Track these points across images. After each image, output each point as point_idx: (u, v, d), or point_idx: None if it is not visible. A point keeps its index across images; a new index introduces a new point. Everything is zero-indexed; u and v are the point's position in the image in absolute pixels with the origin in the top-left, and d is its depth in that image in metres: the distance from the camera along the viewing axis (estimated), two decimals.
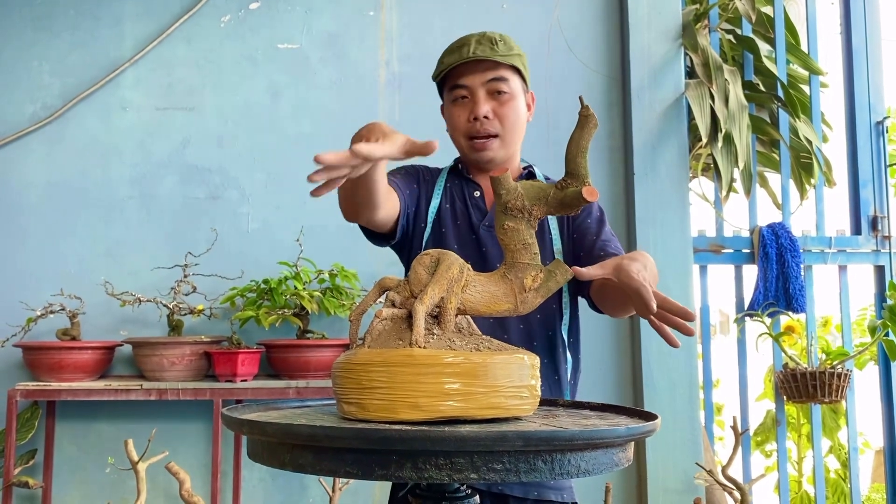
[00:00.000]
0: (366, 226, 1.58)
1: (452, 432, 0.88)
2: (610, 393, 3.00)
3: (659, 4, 3.10)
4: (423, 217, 1.69)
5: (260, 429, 0.97)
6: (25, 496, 2.82)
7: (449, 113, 1.69)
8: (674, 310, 1.21)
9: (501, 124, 1.64)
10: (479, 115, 1.62)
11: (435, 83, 1.73)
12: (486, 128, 1.63)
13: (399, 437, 0.88)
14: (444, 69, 1.65)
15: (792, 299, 2.96)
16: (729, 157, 2.93)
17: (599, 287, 1.53)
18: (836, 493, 3.44)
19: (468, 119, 1.64)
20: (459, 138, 1.68)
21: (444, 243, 1.65)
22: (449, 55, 1.65)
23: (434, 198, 1.70)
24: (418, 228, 1.69)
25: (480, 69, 1.62)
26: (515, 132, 1.67)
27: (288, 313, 2.72)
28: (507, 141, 1.66)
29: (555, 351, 1.64)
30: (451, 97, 1.67)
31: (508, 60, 1.62)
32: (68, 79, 3.01)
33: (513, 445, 0.87)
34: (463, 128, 1.65)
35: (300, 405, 1.27)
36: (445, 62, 1.65)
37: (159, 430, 2.66)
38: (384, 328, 1.08)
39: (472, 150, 1.66)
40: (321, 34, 3.13)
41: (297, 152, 3.05)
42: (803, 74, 3.26)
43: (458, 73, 1.64)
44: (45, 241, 2.94)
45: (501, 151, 1.66)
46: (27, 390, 2.59)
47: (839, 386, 2.82)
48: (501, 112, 1.64)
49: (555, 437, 0.89)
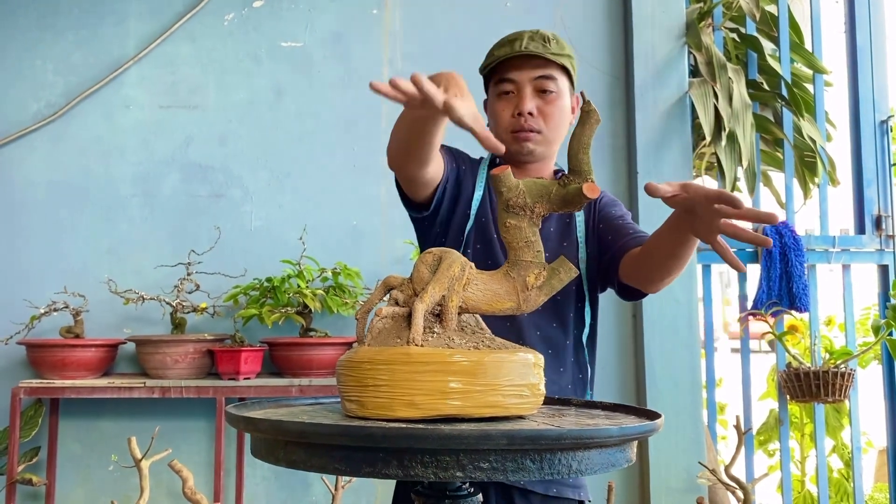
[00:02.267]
0: (405, 181, 1.54)
1: (436, 430, 0.88)
2: (613, 392, 3.00)
3: (663, 3, 3.09)
4: (466, 204, 1.65)
5: (254, 425, 0.98)
6: (29, 493, 2.83)
7: (493, 107, 1.67)
8: (754, 216, 1.14)
9: (545, 123, 1.62)
10: (524, 110, 1.60)
11: (481, 76, 1.71)
12: (529, 124, 1.61)
13: (384, 435, 0.88)
14: (493, 61, 1.64)
15: (795, 298, 2.95)
16: (733, 156, 2.92)
17: (636, 258, 1.50)
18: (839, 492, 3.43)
19: (513, 114, 1.62)
20: (502, 133, 1.65)
21: (485, 234, 1.62)
22: (500, 48, 1.63)
23: (477, 189, 1.68)
24: (459, 214, 1.64)
25: (530, 65, 1.61)
26: (558, 132, 1.65)
27: (291, 311, 2.72)
28: (548, 138, 1.64)
29: (580, 352, 1.64)
30: (497, 91, 1.65)
31: (559, 59, 1.61)
32: (72, 77, 3.02)
33: (497, 444, 0.87)
34: (507, 122, 1.63)
35: (313, 402, 1.27)
36: (496, 55, 1.63)
37: (162, 428, 2.66)
38: (384, 326, 1.08)
39: (515, 142, 1.63)
40: (325, 32, 3.13)
41: (301, 151, 3.05)
42: (807, 73, 3.25)
43: (506, 68, 1.62)
44: (49, 239, 2.95)
45: (541, 147, 1.64)
46: (31, 388, 2.60)
47: (842, 385, 2.81)
48: (547, 110, 1.62)
49: (541, 437, 0.88)
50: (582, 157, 1.07)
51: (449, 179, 1.61)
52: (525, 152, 1.64)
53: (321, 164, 3.05)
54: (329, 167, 3.04)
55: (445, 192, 1.61)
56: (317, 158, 3.05)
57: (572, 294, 1.63)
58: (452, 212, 1.65)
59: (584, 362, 1.65)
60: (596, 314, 1.67)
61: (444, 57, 3.10)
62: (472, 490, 1.09)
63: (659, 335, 2.96)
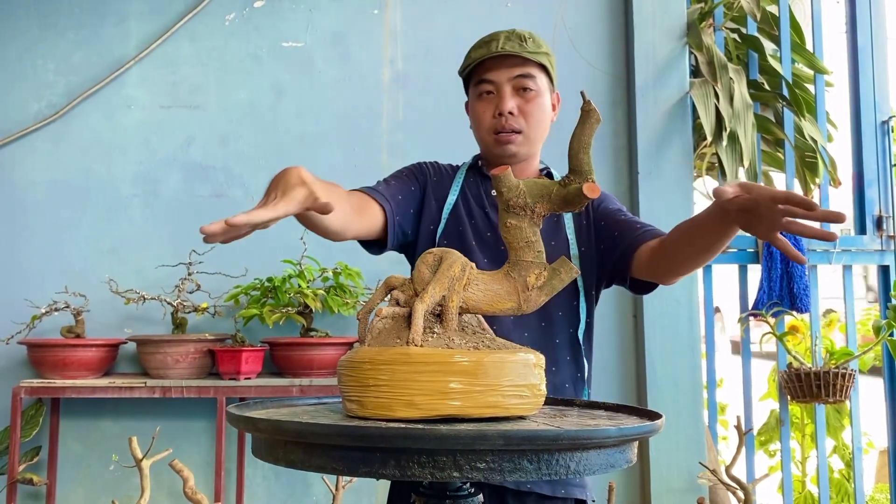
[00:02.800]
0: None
1: (433, 430, 0.88)
2: (614, 393, 3.00)
3: (664, 3, 3.09)
4: (432, 216, 1.67)
5: (253, 425, 0.98)
6: (30, 493, 2.83)
7: (473, 108, 1.67)
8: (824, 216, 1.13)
9: (526, 121, 1.62)
10: (504, 110, 1.61)
11: (461, 78, 1.71)
12: (510, 124, 1.61)
13: (381, 435, 0.88)
14: (471, 63, 1.64)
15: (796, 299, 2.95)
16: (734, 156, 2.92)
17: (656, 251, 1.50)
18: (839, 493, 3.43)
19: (493, 115, 1.62)
20: (483, 134, 1.66)
21: (462, 242, 1.63)
22: (476, 50, 1.64)
23: (451, 194, 1.68)
24: (425, 229, 1.67)
25: (507, 65, 1.61)
26: (539, 130, 1.65)
27: (292, 311, 2.72)
28: (530, 138, 1.64)
29: (576, 349, 1.64)
30: (477, 92, 1.65)
31: (536, 58, 1.61)
32: (73, 77, 3.02)
33: (493, 444, 0.86)
34: (487, 123, 1.64)
35: (316, 402, 1.27)
36: (473, 56, 1.64)
37: (163, 428, 2.66)
38: (384, 326, 1.08)
39: (496, 144, 1.64)
40: (325, 32, 3.13)
41: (302, 151, 3.05)
42: (808, 73, 3.25)
43: (484, 69, 1.63)
44: (50, 239, 2.95)
45: (524, 148, 1.64)
46: (32, 387, 2.60)
47: (843, 386, 2.81)
48: (527, 109, 1.62)
49: (538, 437, 0.88)
50: (582, 156, 1.07)
51: (399, 214, 1.62)
52: (507, 154, 1.64)
53: (322, 164, 3.05)
54: (330, 167, 3.04)
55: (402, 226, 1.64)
56: (317, 158, 3.05)
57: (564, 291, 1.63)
58: (420, 228, 1.68)
59: (581, 360, 1.65)
60: (592, 310, 1.67)
61: (444, 57, 3.10)
62: (473, 490, 1.09)
63: (660, 335, 2.95)
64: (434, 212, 1.68)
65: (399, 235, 1.64)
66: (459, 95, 1.76)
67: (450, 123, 2.68)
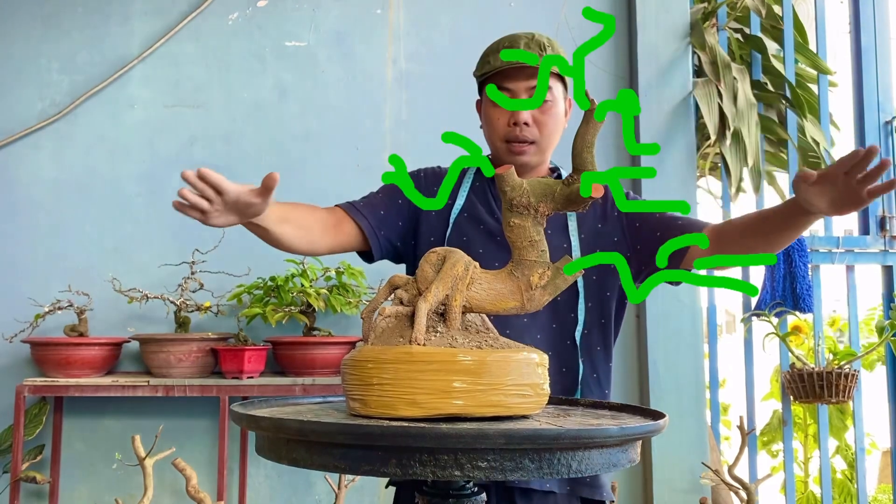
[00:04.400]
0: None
1: (434, 429, 0.88)
2: (617, 392, 2.98)
3: (667, 3, 3.09)
4: (433, 224, 1.68)
5: (256, 423, 0.98)
6: (33, 491, 2.84)
7: (487, 112, 1.67)
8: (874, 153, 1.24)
9: (540, 132, 1.62)
10: (519, 120, 1.60)
11: (475, 78, 1.71)
12: (525, 134, 1.61)
13: (382, 434, 0.88)
14: (489, 71, 1.63)
15: (799, 299, 2.95)
16: (738, 155, 2.91)
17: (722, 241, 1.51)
18: (842, 493, 3.43)
19: (508, 123, 1.62)
20: (496, 140, 1.66)
21: (469, 245, 1.63)
22: (495, 55, 1.62)
23: (459, 198, 1.68)
24: (425, 240, 1.67)
25: (526, 75, 1.60)
26: (552, 139, 1.66)
27: (294, 311, 2.72)
28: (542, 147, 1.65)
29: (591, 350, 1.64)
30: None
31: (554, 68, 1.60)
32: (77, 76, 3.02)
33: (495, 443, 0.86)
34: (502, 131, 1.63)
35: (321, 401, 1.27)
36: (492, 63, 1.62)
37: (166, 427, 2.66)
38: (388, 325, 1.08)
39: (509, 154, 1.64)
40: (329, 32, 3.13)
41: (305, 150, 3.05)
42: (811, 74, 3.24)
43: (502, 75, 1.62)
44: (53, 238, 2.95)
45: (536, 157, 1.65)
46: (35, 386, 2.61)
47: (846, 386, 2.81)
48: (542, 119, 1.62)
49: (539, 436, 0.88)
50: (585, 155, 1.07)
51: (383, 227, 1.66)
52: (519, 164, 1.64)
53: (325, 163, 3.05)
54: (333, 166, 3.05)
55: (389, 240, 1.67)
56: (321, 158, 3.05)
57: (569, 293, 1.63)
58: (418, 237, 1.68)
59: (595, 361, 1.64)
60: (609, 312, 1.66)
61: (448, 56, 3.11)
62: (476, 489, 1.09)
63: (662, 336, 2.95)
64: (435, 220, 1.68)
65: (386, 246, 1.67)
66: (463, 95, 1.76)
67: (453, 123, 2.65)
